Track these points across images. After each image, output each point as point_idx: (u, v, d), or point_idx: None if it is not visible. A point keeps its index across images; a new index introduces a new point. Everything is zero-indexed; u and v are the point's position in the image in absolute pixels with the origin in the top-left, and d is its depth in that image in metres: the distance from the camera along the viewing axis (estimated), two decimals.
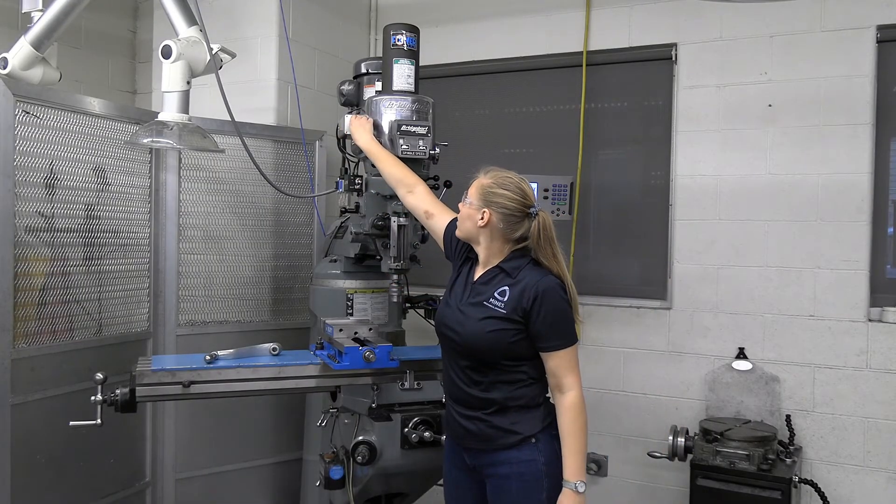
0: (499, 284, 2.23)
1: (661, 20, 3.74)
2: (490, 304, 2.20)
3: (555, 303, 2.18)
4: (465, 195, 2.29)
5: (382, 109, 2.70)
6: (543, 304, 2.15)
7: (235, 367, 2.51)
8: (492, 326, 2.17)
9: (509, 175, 2.26)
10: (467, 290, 2.30)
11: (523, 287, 2.18)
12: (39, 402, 2.71)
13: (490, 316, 2.19)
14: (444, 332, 2.29)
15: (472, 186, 2.27)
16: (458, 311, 2.27)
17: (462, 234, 2.31)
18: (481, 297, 2.23)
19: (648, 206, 3.85)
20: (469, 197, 2.26)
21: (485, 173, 2.28)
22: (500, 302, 2.19)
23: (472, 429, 2.23)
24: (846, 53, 3.38)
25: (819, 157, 3.43)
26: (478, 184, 2.26)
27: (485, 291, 2.24)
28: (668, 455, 3.27)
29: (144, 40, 4.40)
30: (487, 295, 2.22)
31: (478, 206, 2.23)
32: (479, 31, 4.15)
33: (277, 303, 3.55)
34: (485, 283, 2.27)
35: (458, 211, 2.33)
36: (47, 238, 2.78)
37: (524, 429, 2.20)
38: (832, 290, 3.41)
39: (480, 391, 2.22)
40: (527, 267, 2.24)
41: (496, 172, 2.28)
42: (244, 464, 3.44)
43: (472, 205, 2.24)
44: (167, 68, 2.67)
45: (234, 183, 3.39)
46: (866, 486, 3.36)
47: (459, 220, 2.30)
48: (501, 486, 2.22)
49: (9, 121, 2.60)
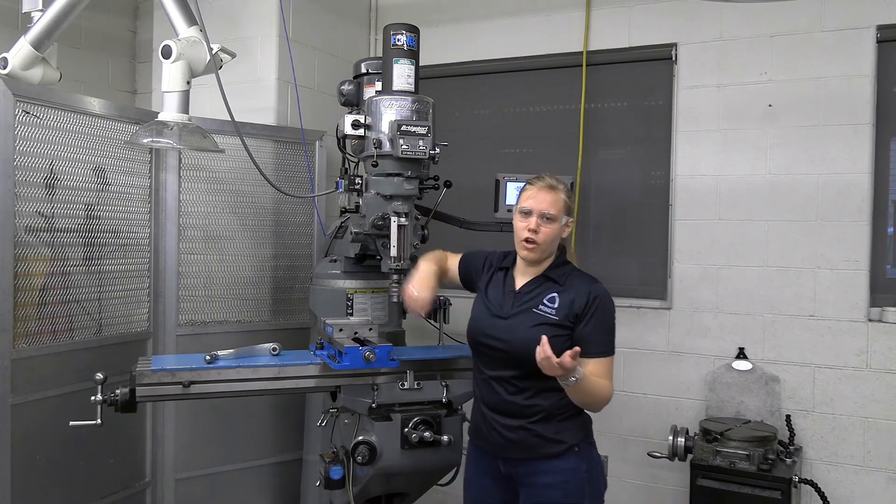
0: (547, 291, 2.24)
1: (660, 20, 3.74)
2: (540, 311, 2.21)
3: (606, 310, 2.21)
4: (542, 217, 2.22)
5: (382, 109, 2.70)
6: (596, 310, 2.18)
7: (235, 367, 2.51)
8: (545, 333, 2.14)
9: (557, 177, 2.31)
10: (508, 298, 2.30)
11: (575, 293, 2.20)
12: (39, 402, 2.71)
13: (542, 323, 2.19)
14: (486, 341, 2.28)
15: (549, 204, 2.23)
16: (501, 320, 2.26)
17: (543, 254, 2.27)
18: (529, 305, 2.24)
19: (648, 206, 3.84)
20: (554, 213, 2.23)
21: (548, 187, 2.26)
22: (550, 308, 2.20)
23: (513, 438, 2.22)
24: (846, 53, 3.38)
25: (819, 157, 3.43)
26: (556, 197, 2.25)
27: (532, 299, 2.24)
28: (668, 455, 3.27)
29: (144, 40, 4.39)
30: (536, 302, 2.23)
31: (565, 220, 2.28)
32: (479, 31, 4.15)
33: (277, 303, 3.55)
34: (530, 290, 2.27)
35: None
36: (47, 238, 2.78)
37: (568, 437, 2.20)
38: (832, 290, 3.41)
39: (525, 399, 2.20)
40: (572, 273, 2.27)
41: (553, 180, 2.29)
42: (244, 464, 3.44)
43: (561, 221, 2.26)
44: (167, 68, 2.67)
45: (234, 183, 3.39)
46: (866, 486, 3.36)
47: (544, 242, 2.24)
48: (541, 494, 2.21)
49: (9, 121, 2.60)
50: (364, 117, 2.76)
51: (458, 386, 2.64)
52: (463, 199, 3.48)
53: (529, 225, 2.24)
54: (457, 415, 2.59)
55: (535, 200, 2.26)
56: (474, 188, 3.64)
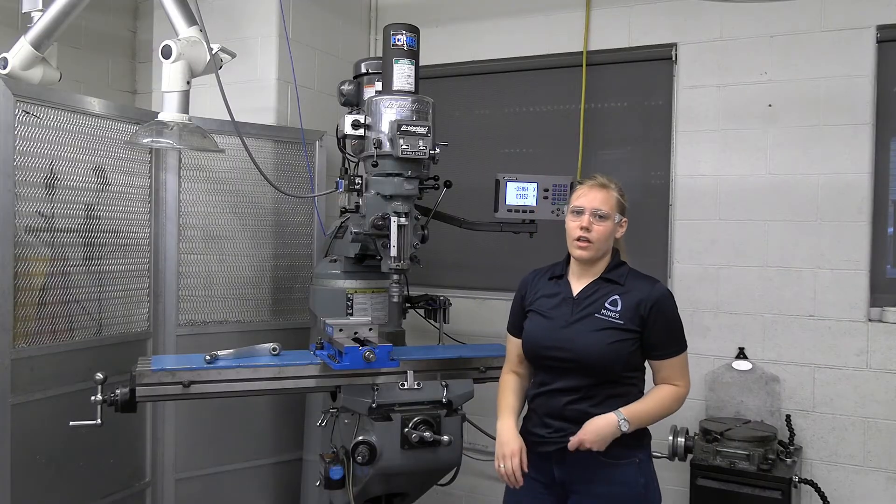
0: (607, 295, 2.18)
1: (661, 20, 3.73)
2: (603, 315, 2.16)
3: (671, 310, 2.18)
4: (594, 215, 2.18)
5: (382, 109, 2.70)
6: (662, 312, 2.14)
7: (235, 367, 2.51)
8: (611, 338, 2.12)
9: (609, 177, 2.27)
10: (567, 305, 2.23)
11: (638, 295, 2.15)
12: (39, 402, 2.71)
13: (606, 327, 2.14)
14: (549, 353, 2.21)
15: (601, 202, 2.18)
16: (561, 329, 2.20)
17: (597, 253, 2.21)
18: (591, 310, 2.18)
19: (648, 206, 3.84)
20: (608, 211, 2.18)
21: (600, 185, 2.22)
22: (613, 312, 2.15)
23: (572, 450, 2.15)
24: (846, 53, 3.38)
25: (819, 157, 3.42)
26: (609, 195, 2.20)
27: (592, 304, 2.19)
28: (668, 455, 3.26)
29: (144, 40, 4.39)
30: (598, 306, 2.17)
31: (618, 218, 2.22)
32: (479, 31, 4.15)
33: (277, 303, 3.55)
34: (590, 295, 2.21)
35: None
36: (47, 238, 2.78)
37: (632, 448, 2.16)
38: (832, 290, 3.41)
39: (591, 406, 2.14)
40: (630, 274, 2.22)
41: (605, 179, 2.25)
42: (244, 464, 3.44)
43: (614, 219, 2.20)
44: (167, 68, 2.67)
45: (234, 183, 3.39)
46: (866, 486, 3.36)
47: (598, 241, 2.18)
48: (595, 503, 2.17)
49: (9, 121, 2.60)
50: (364, 117, 2.76)
51: (458, 386, 2.64)
52: (463, 199, 3.48)
53: (582, 223, 2.19)
54: (457, 415, 2.58)
55: (586, 199, 2.21)
56: (474, 188, 3.64)
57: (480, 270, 4.14)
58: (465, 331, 3.55)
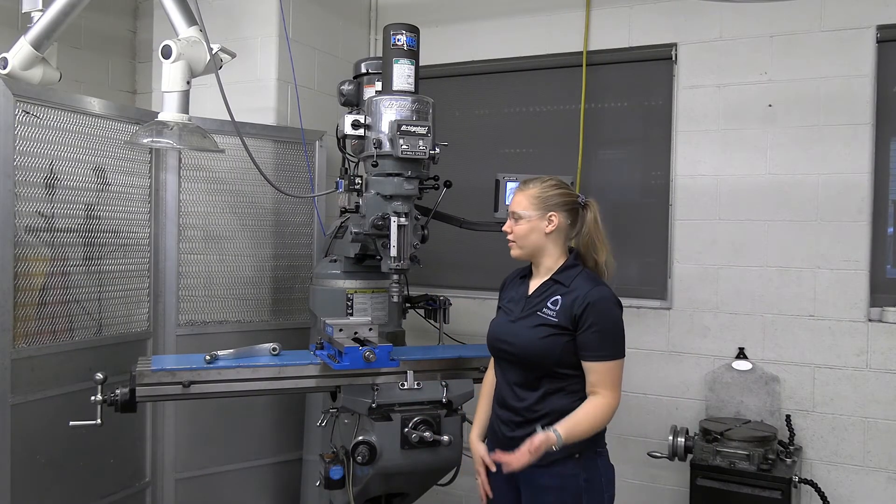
0: (552, 294, 2.26)
1: (660, 20, 3.74)
2: (543, 313, 2.24)
3: (607, 313, 2.20)
4: (512, 216, 2.30)
5: (382, 109, 2.70)
6: (593, 314, 2.17)
7: (235, 367, 2.51)
8: (544, 333, 2.20)
9: (544, 177, 2.32)
10: (520, 303, 2.34)
11: (575, 295, 2.20)
12: (39, 402, 2.71)
13: (542, 324, 2.22)
14: (498, 345, 2.34)
15: (516, 203, 2.30)
16: (510, 325, 2.31)
17: (525, 251, 2.32)
18: (535, 308, 2.27)
19: (648, 206, 3.84)
20: (520, 211, 2.28)
21: (521, 187, 2.33)
22: (552, 311, 2.22)
23: (518, 436, 2.21)
24: (846, 53, 3.38)
25: (819, 157, 3.43)
26: (524, 196, 2.29)
27: (539, 303, 2.27)
28: (668, 455, 3.27)
29: (144, 40, 4.39)
30: (541, 305, 2.26)
31: (538, 215, 2.27)
32: (479, 31, 4.15)
33: (277, 303, 3.55)
34: (539, 294, 2.30)
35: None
36: (47, 238, 2.78)
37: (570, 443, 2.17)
38: (832, 290, 3.41)
39: (533, 401, 2.23)
40: (579, 276, 2.26)
41: (533, 178, 2.33)
42: (244, 464, 3.44)
43: (532, 217, 2.27)
44: (167, 68, 2.67)
45: (234, 183, 3.39)
46: (866, 486, 3.36)
47: (519, 239, 2.30)
48: (538, 495, 2.23)
49: (9, 121, 2.60)
50: (364, 117, 2.76)
51: (458, 386, 2.64)
52: (463, 199, 3.48)
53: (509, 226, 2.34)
54: (457, 415, 2.58)
55: (511, 203, 2.36)
56: (474, 188, 3.64)
57: (480, 270, 4.14)
58: (465, 331, 3.55)
